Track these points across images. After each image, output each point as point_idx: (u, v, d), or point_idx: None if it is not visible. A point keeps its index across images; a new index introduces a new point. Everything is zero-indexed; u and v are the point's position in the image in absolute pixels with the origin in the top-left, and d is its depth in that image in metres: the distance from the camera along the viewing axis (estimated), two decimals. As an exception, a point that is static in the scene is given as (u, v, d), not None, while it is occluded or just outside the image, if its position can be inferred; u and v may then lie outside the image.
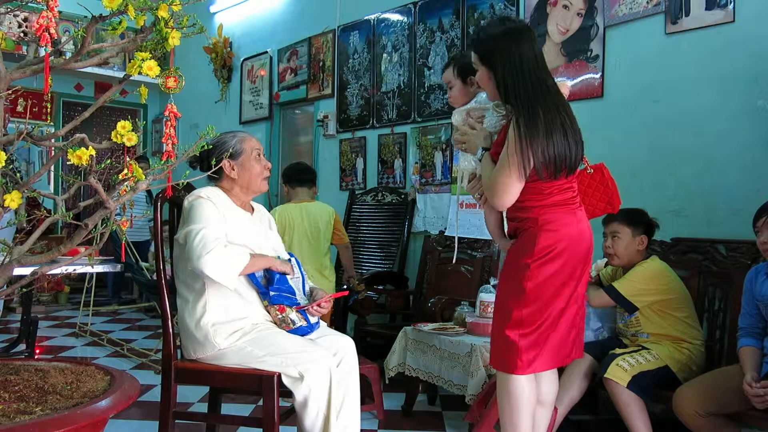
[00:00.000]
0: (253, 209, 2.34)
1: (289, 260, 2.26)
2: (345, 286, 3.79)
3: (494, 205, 1.98)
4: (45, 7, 1.31)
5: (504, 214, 2.12)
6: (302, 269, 2.29)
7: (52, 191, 6.71)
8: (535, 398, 2.01)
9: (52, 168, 6.04)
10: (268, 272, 2.16)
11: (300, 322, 2.13)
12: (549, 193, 1.93)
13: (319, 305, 2.16)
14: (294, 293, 2.16)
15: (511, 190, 1.91)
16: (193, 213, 2.05)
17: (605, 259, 2.83)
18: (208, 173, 2.13)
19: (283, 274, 2.17)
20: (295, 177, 3.77)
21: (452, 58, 2.24)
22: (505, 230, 2.15)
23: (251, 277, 2.12)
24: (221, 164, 2.16)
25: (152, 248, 6.27)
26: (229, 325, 2.07)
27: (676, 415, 2.27)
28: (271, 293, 2.11)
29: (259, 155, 2.27)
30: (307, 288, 2.30)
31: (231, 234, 2.09)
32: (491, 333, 2.06)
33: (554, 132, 1.87)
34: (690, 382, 2.34)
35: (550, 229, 1.92)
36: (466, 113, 2.15)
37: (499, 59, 1.93)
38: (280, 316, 2.13)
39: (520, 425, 1.98)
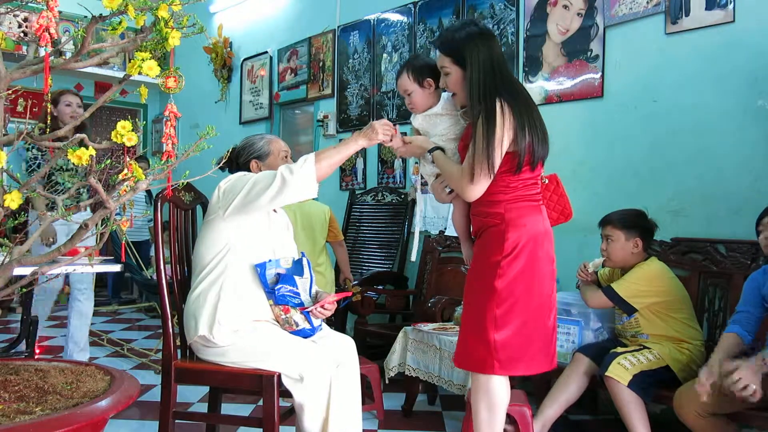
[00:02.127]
0: (274, 209, 2.36)
1: (300, 260, 2.26)
2: (338, 289, 3.82)
3: (468, 196, 1.98)
4: (45, 7, 1.31)
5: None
6: (311, 270, 2.29)
7: (52, 191, 6.70)
8: (508, 398, 2.02)
9: (52, 168, 6.03)
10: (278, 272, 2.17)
11: (303, 324, 2.13)
12: (515, 187, 1.96)
13: (323, 306, 2.16)
14: (299, 294, 2.16)
15: (485, 178, 1.92)
16: (241, 179, 2.08)
17: (601, 258, 2.83)
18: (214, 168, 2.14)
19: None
20: None
21: (404, 65, 2.21)
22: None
23: (261, 276, 2.13)
24: (249, 165, 2.25)
25: (153, 252, 6.27)
26: (236, 318, 2.07)
27: (677, 415, 2.28)
28: (277, 293, 2.11)
29: (286, 156, 2.31)
30: (313, 291, 2.30)
31: (255, 228, 2.14)
32: (461, 334, 2.05)
33: (531, 123, 1.93)
34: (690, 382, 2.34)
35: (518, 224, 1.94)
36: (428, 117, 2.17)
37: (471, 59, 1.97)
38: (284, 317, 2.13)
39: (495, 426, 2.00)
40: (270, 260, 2.15)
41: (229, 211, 2.08)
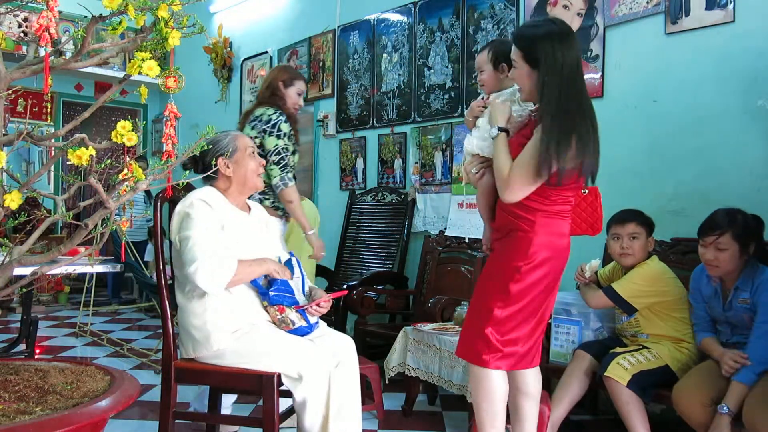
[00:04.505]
0: (249, 209, 2.34)
1: (290, 260, 2.26)
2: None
3: (503, 198, 1.97)
4: (45, 7, 1.31)
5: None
6: (302, 269, 2.29)
7: (52, 191, 6.71)
8: (507, 392, 2.06)
9: (52, 168, 6.03)
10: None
11: (299, 323, 2.13)
12: (554, 200, 1.96)
13: (318, 305, 2.17)
14: (293, 293, 2.16)
15: (529, 188, 1.92)
16: (189, 219, 2.05)
17: (598, 260, 2.83)
18: (208, 173, 2.14)
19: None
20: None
21: (489, 43, 2.26)
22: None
23: (252, 281, 2.12)
24: (217, 163, 2.18)
25: (147, 249, 6.27)
26: (230, 325, 2.07)
27: (676, 409, 2.27)
28: (271, 294, 2.11)
29: (253, 152, 2.28)
30: (306, 288, 2.30)
31: (227, 236, 2.09)
32: (465, 325, 2.11)
33: (585, 142, 1.90)
34: (686, 375, 2.37)
35: (546, 234, 1.96)
36: (506, 97, 2.12)
37: (543, 61, 1.90)
38: (279, 317, 2.13)
39: (496, 418, 2.03)
40: None
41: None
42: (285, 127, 2.90)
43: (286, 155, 2.89)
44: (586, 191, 2.16)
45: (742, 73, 2.87)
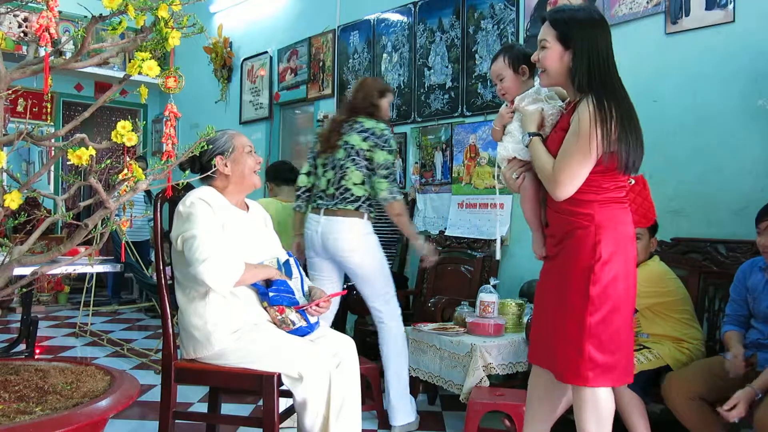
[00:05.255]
0: (248, 207, 2.34)
1: (287, 260, 2.26)
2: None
3: (556, 195, 1.87)
4: (45, 7, 1.31)
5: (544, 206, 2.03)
6: (300, 269, 2.29)
7: (52, 191, 6.71)
8: (613, 411, 1.91)
9: (52, 168, 6.04)
10: None
11: (300, 323, 2.13)
12: (606, 188, 1.86)
13: (318, 305, 2.17)
14: (293, 293, 2.16)
15: (579, 178, 1.82)
16: (192, 219, 2.04)
17: None
18: (207, 173, 2.14)
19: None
20: (282, 176, 3.80)
21: (501, 49, 2.20)
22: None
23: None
24: (214, 162, 2.17)
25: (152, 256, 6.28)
26: (230, 325, 2.07)
27: (665, 401, 2.29)
28: (270, 294, 2.11)
29: (251, 150, 2.28)
30: (306, 287, 2.30)
31: (227, 234, 2.09)
32: (558, 347, 1.91)
33: (631, 126, 1.85)
34: (680, 369, 2.37)
35: (611, 227, 1.84)
36: (532, 98, 2.06)
37: (585, 43, 1.85)
38: (279, 317, 2.13)
39: None
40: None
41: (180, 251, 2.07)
42: (393, 143, 2.95)
43: (394, 170, 2.93)
44: (633, 181, 2.08)
45: (742, 73, 2.87)
